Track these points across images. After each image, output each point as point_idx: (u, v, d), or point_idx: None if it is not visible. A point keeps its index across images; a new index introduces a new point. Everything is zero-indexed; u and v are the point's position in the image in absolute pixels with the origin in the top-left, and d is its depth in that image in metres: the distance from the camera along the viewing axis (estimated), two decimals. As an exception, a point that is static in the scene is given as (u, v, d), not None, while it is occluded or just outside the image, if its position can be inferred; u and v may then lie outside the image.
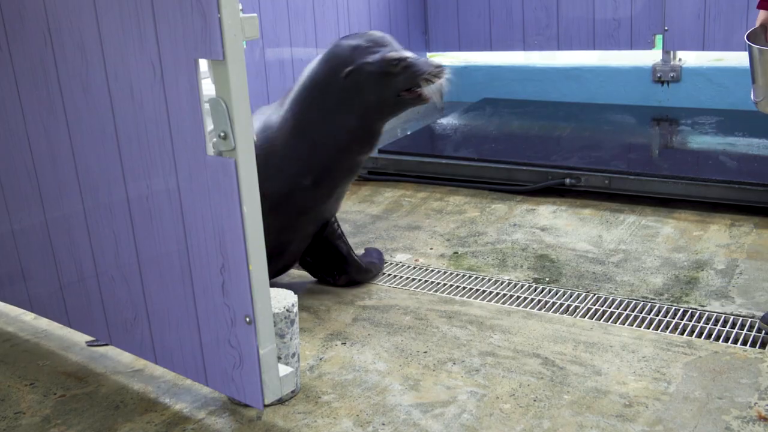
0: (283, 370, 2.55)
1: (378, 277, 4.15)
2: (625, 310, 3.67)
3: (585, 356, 3.26)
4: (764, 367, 3.10)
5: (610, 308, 3.70)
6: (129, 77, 2.52)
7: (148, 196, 2.63)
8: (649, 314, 3.61)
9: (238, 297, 2.43)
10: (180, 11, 2.25)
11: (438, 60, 3.49)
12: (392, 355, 3.35)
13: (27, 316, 3.87)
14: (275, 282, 4.01)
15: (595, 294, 3.85)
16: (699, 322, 3.51)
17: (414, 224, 4.92)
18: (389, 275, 4.20)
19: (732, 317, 3.52)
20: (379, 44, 3.52)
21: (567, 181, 5.18)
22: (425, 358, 3.31)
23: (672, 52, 6.23)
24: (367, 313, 3.75)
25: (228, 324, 2.50)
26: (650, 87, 6.48)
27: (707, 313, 3.58)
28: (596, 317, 3.62)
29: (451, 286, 4.02)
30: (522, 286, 3.99)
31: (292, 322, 2.95)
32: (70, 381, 3.28)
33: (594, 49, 6.20)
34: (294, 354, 2.99)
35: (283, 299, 2.96)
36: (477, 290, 3.97)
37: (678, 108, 6.35)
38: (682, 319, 3.55)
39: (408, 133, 6.41)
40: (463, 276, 4.15)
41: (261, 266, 2.39)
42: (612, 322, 3.56)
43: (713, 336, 3.37)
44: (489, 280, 4.08)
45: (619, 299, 3.78)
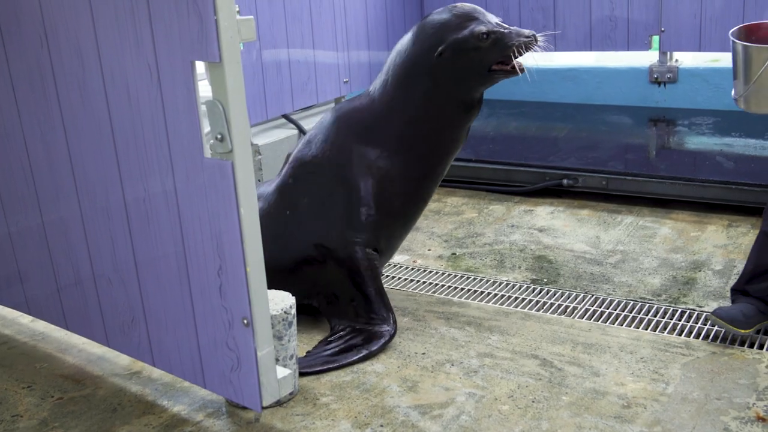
0: (281, 372, 2.55)
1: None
2: (623, 311, 3.67)
3: (583, 357, 3.26)
4: (762, 368, 3.10)
5: (608, 309, 3.69)
6: (125, 79, 2.51)
7: (145, 199, 2.62)
8: (647, 315, 3.61)
9: (236, 299, 2.42)
10: (176, 13, 2.25)
11: (529, 30, 3.42)
12: (390, 357, 3.34)
13: (24, 319, 3.86)
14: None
15: (593, 295, 3.85)
16: (697, 323, 3.51)
17: (411, 225, 4.92)
18: (387, 276, 4.19)
19: (730, 318, 3.52)
20: (468, 17, 3.43)
21: (564, 182, 5.19)
22: (423, 360, 3.31)
23: (669, 53, 6.22)
24: (365, 315, 3.74)
25: (226, 326, 2.49)
26: (647, 88, 6.48)
27: (705, 314, 3.58)
28: (594, 318, 3.62)
29: (449, 287, 4.02)
30: (520, 287, 3.99)
31: (290, 324, 2.94)
32: (68, 384, 3.27)
33: (591, 50, 6.19)
34: (292, 356, 2.98)
35: (281, 301, 2.96)
36: (475, 291, 3.97)
37: (675, 109, 6.34)
38: (680, 320, 3.55)
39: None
40: (461, 277, 4.15)
41: (258, 268, 2.39)
42: (610, 323, 3.56)
43: (711, 337, 3.37)
44: (487, 281, 4.08)
45: (617, 300, 3.78)
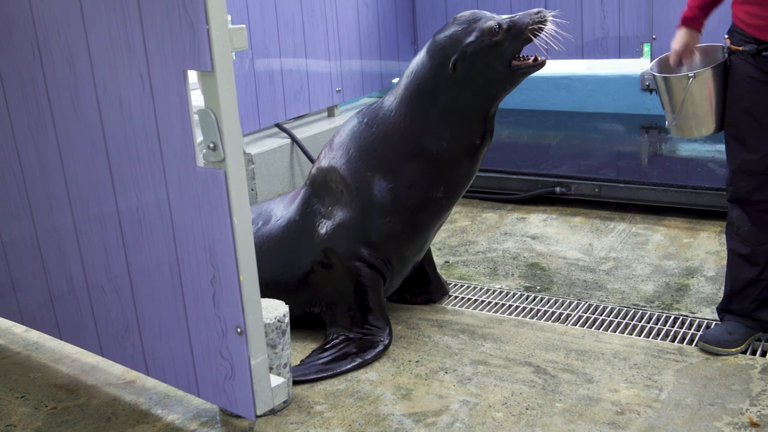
0: (275, 381, 2.55)
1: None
2: (616, 318, 3.67)
3: (577, 364, 3.26)
4: (755, 374, 3.11)
5: (602, 316, 3.70)
6: (118, 89, 2.52)
7: (138, 208, 2.62)
8: (640, 321, 3.62)
9: (229, 308, 2.43)
10: (168, 23, 2.25)
11: (535, 9, 3.32)
12: (384, 365, 3.34)
13: (18, 329, 3.86)
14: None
15: (587, 302, 3.86)
16: (690, 329, 3.52)
17: (405, 234, 4.92)
18: (381, 285, 4.19)
19: (722, 324, 3.53)
20: (472, 21, 3.36)
21: (557, 190, 5.20)
22: (417, 368, 3.31)
23: (660, 61, 6.26)
24: (359, 323, 3.74)
25: (219, 335, 2.49)
26: (639, 95, 6.51)
27: (698, 320, 3.59)
28: (587, 325, 3.62)
29: (443, 295, 4.02)
30: (513, 295, 4.00)
31: (284, 333, 2.94)
32: (62, 393, 3.26)
33: (583, 58, 6.22)
34: (286, 364, 2.98)
35: (275, 309, 2.96)
36: (468, 299, 3.97)
37: (667, 116, 6.36)
38: (673, 326, 3.56)
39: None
40: (455, 285, 4.15)
41: (252, 277, 2.39)
42: (603, 330, 3.57)
43: (704, 342, 3.38)
44: (480, 289, 4.08)
45: (610, 307, 3.79)
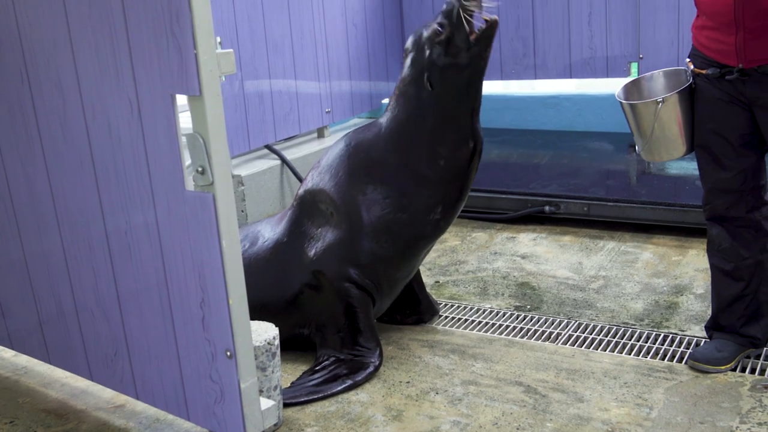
0: (265, 404, 2.54)
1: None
2: (606, 337, 3.68)
3: (567, 383, 3.26)
4: (745, 391, 3.12)
5: (592, 335, 3.71)
6: (106, 113, 2.52)
7: (127, 231, 2.62)
8: (630, 340, 3.63)
9: (219, 331, 2.42)
10: (156, 47, 2.27)
11: None
12: (375, 386, 3.34)
13: (6, 353, 3.84)
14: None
15: (576, 321, 3.86)
16: (680, 347, 3.53)
17: (395, 254, 4.92)
18: (371, 305, 4.19)
19: (712, 341, 3.54)
20: (418, 40, 3.41)
21: (546, 209, 5.21)
22: (408, 388, 3.30)
23: (647, 80, 6.31)
24: (349, 344, 3.74)
25: (209, 358, 2.49)
26: (627, 114, 6.55)
27: (687, 338, 3.60)
28: (578, 344, 3.63)
29: (433, 315, 4.02)
30: (503, 314, 4.00)
31: (274, 355, 2.94)
32: (51, 418, 3.25)
33: (571, 78, 6.26)
34: (276, 387, 2.98)
35: (264, 332, 2.96)
36: (459, 319, 3.98)
37: (655, 134, 6.39)
38: (663, 344, 3.57)
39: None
40: (445, 305, 4.15)
41: (241, 300, 2.39)
42: (593, 349, 3.57)
43: (694, 360, 3.39)
44: (470, 309, 4.09)
45: (600, 325, 3.79)
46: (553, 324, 3.85)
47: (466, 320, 3.95)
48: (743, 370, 3.29)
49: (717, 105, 3.13)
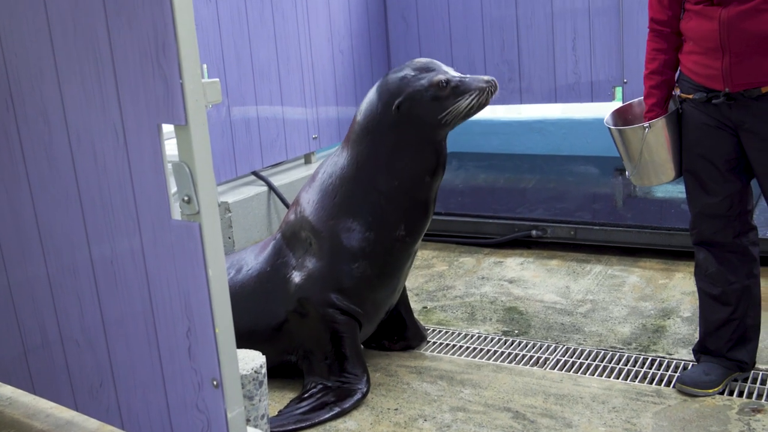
0: (252, 433, 2.53)
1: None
2: (594, 361, 3.68)
3: (555, 408, 3.26)
4: (733, 414, 3.12)
5: (580, 359, 3.71)
6: (92, 142, 2.52)
7: (113, 260, 2.61)
8: (618, 364, 3.63)
9: (205, 360, 2.41)
10: (142, 77, 2.27)
11: (487, 76, 3.44)
12: (362, 413, 3.32)
13: (-9, 384, 3.80)
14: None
15: (564, 345, 3.86)
16: (667, 371, 3.53)
17: (383, 279, 4.92)
18: (359, 332, 4.18)
19: (699, 365, 3.54)
20: (426, 69, 3.45)
21: (533, 233, 5.23)
22: (396, 415, 3.29)
23: (632, 104, 6.35)
24: (337, 371, 3.72)
25: (195, 388, 2.47)
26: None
27: (675, 361, 3.61)
28: (566, 369, 3.63)
29: (421, 341, 4.01)
30: (491, 340, 4.00)
31: (261, 384, 2.92)
32: (35, 449, 3.22)
33: (556, 102, 6.30)
34: (263, 416, 2.95)
35: (251, 360, 2.94)
36: (447, 344, 3.97)
37: (640, 158, 6.43)
38: (651, 368, 3.57)
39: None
40: (433, 330, 4.15)
41: (227, 329, 2.38)
42: (581, 373, 3.57)
43: (682, 385, 3.39)
44: (458, 334, 4.08)
45: (588, 350, 3.79)
46: (541, 349, 3.85)
47: (454, 346, 3.95)
48: (731, 394, 3.29)
49: (704, 130, 3.16)
